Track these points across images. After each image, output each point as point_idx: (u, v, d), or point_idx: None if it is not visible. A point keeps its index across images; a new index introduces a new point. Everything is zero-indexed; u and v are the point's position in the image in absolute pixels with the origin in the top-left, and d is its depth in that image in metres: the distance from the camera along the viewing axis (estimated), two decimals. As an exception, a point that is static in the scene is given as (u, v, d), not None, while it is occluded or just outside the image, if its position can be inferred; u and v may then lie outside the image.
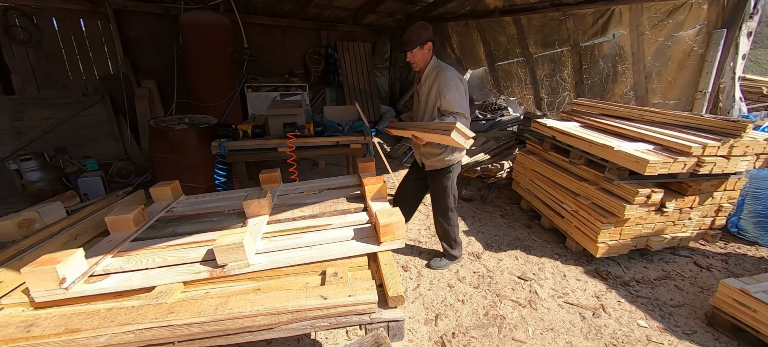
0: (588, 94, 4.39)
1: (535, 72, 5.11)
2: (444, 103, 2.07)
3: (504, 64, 5.72)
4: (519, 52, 5.21)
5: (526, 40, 4.90)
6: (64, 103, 3.95)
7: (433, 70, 2.14)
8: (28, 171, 3.09)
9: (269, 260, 1.15)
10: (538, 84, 5.16)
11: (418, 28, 2.05)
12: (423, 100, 2.20)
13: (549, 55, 4.80)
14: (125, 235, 1.33)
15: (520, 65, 5.42)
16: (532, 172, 3.24)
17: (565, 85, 4.68)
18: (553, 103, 4.95)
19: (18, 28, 3.71)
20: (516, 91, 5.67)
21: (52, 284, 0.99)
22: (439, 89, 2.09)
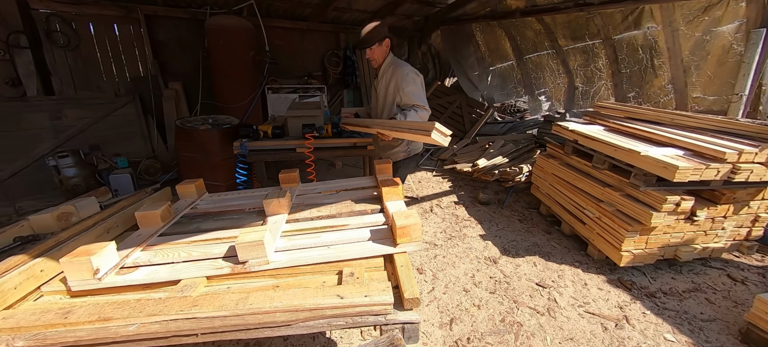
0: (626, 84, 4.24)
1: (567, 62, 4.98)
2: (404, 98, 2.16)
3: (533, 56, 5.59)
4: (548, 44, 5.10)
5: (554, 34, 4.78)
6: (98, 103, 4.18)
7: (390, 65, 2.22)
8: (65, 167, 3.29)
9: (288, 258, 1.18)
10: (573, 74, 5.02)
11: (375, 25, 2.11)
12: (381, 96, 2.28)
13: (581, 47, 4.67)
14: (153, 230, 1.40)
15: (551, 57, 5.29)
16: (553, 176, 3.16)
17: (601, 74, 4.54)
18: (588, 92, 4.81)
19: (58, 33, 3.95)
20: (548, 82, 5.52)
21: (86, 274, 1.06)
22: (397, 84, 2.16)
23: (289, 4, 5.11)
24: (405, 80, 2.15)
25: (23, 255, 1.10)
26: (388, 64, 2.23)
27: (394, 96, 2.21)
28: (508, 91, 6.08)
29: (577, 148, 2.93)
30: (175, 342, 0.96)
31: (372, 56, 2.21)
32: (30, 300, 1.07)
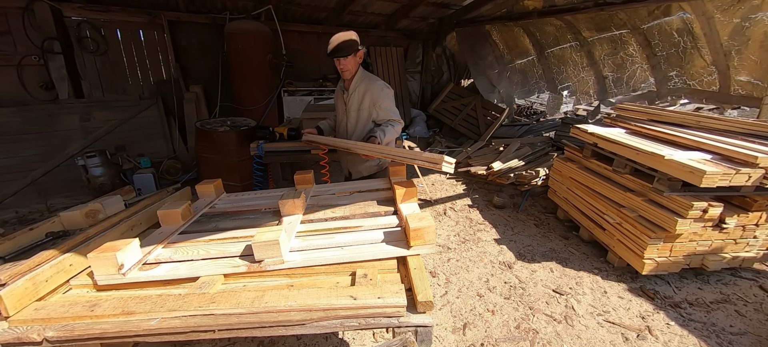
0: (664, 65, 4.10)
1: (592, 54, 4.85)
2: (381, 113, 2.14)
3: (555, 50, 5.45)
4: (570, 37, 4.97)
5: (577, 28, 4.66)
6: (123, 105, 4.36)
7: (363, 79, 2.12)
8: (93, 167, 3.44)
9: (302, 258, 1.20)
10: (599, 64, 4.88)
11: (349, 35, 2.00)
12: (353, 110, 2.17)
13: (607, 37, 4.54)
14: (174, 228, 1.45)
15: (574, 49, 5.15)
16: (571, 180, 3.08)
17: (633, 59, 4.41)
18: (621, 79, 4.67)
19: (89, 39, 4.15)
20: (571, 76, 5.38)
21: (112, 269, 1.10)
22: (374, 99, 2.11)
23: (305, 8, 5.20)
24: (381, 95, 2.12)
25: (54, 250, 1.16)
26: (360, 77, 2.13)
27: (370, 111, 2.15)
28: (529, 87, 5.93)
29: (596, 152, 2.85)
30: (194, 337, 0.99)
31: (346, 67, 2.08)
32: (60, 292, 1.13)
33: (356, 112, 2.17)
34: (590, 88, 5.26)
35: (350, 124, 2.22)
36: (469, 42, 6.14)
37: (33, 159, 3.78)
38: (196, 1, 4.52)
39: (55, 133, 3.94)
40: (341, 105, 2.25)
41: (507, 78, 6.06)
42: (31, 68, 3.92)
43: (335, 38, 1.99)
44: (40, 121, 3.89)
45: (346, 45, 1.99)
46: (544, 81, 5.78)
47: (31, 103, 3.92)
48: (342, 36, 2.00)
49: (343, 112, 2.25)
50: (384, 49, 6.41)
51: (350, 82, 2.13)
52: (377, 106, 2.14)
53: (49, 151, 3.87)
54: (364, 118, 2.19)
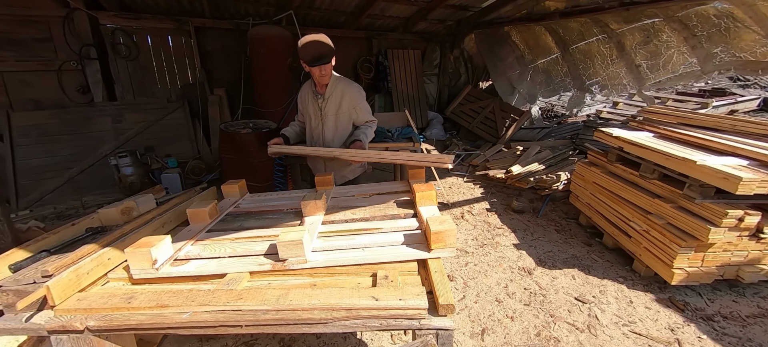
0: (706, 45, 3.88)
1: (622, 44, 4.65)
2: (360, 115, 2.15)
3: (581, 45, 5.26)
4: (597, 31, 4.79)
5: (604, 21, 4.50)
6: (152, 108, 4.57)
7: (338, 82, 2.07)
8: (124, 166, 3.62)
9: (324, 258, 1.22)
10: (630, 54, 4.68)
11: (326, 39, 1.89)
12: (331, 115, 2.10)
13: (638, 27, 4.36)
14: (202, 226, 1.51)
15: (602, 42, 4.96)
16: (594, 185, 2.99)
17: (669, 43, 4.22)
18: (656, 64, 4.48)
19: (122, 45, 4.38)
20: (599, 71, 5.18)
21: (146, 264, 1.16)
22: (352, 102, 2.09)
23: (324, 13, 5.30)
24: (359, 97, 2.11)
25: (94, 245, 1.23)
26: (336, 80, 2.07)
27: (349, 114, 2.12)
28: (553, 86, 5.76)
29: (622, 156, 2.75)
30: (222, 332, 1.03)
31: (326, 72, 1.97)
32: (99, 284, 1.20)
33: (334, 117, 2.11)
34: (622, 79, 5.03)
35: (328, 130, 2.14)
36: (488, 43, 6.07)
37: (69, 158, 4.02)
38: (220, 7, 4.68)
39: (89, 134, 4.17)
40: (314, 110, 2.14)
41: (529, 78, 5.92)
42: (69, 73, 4.17)
43: (314, 45, 1.84)
44: (77, 123, 4.13)
45: (328, 50, 1.89)
46: (570, 78, 5.58)
47: (68, 106, 4.17)
48: (320, 39, 1.86)
49: (316, 117, 2.14)
50: (401, 51, 6.43)
51: (325, 86, 2.04)
52: (357, 107, 2.12)
53: (84, 150, 4.10)
54: (343, 122, 2.14)
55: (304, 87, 2.21)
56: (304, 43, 1.86)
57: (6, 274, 1.14)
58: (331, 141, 2.17)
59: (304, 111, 2.22)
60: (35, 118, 3.95)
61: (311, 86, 2.12)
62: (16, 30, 3.84)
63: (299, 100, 2.25)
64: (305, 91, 2.18)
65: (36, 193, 3.76)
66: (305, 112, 2.21)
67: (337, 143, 2.18)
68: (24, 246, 1.20)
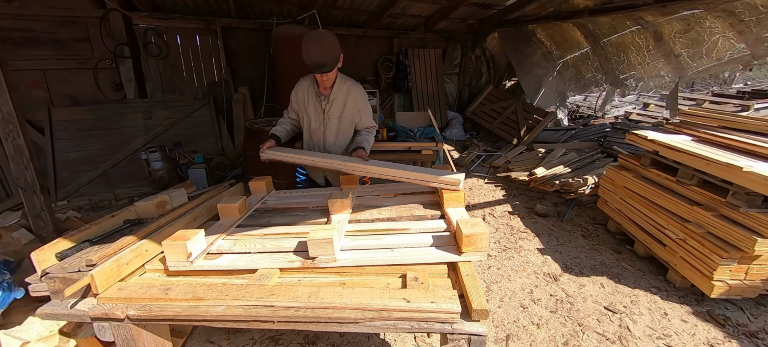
0: (756, 29, 3.60)
1: (660, 33, 4.39)
2: (365, 120, 2.04)
3: (613, 38, 4.96)
4: (630, 23, 4.55)
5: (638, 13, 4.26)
6: (180, 105, 4.72)
7: (343, 83, 1.92)
8: (154, 161, 3.76)
9: (353, 257, 1.22)
10: (669, 43, 4.41)
11: (331, 41, 1.70)
12: (334, 118, 1.96)
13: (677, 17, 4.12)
14: (232, 221, 1.54)
15: (636, 34, 4.69)
16: (625, 190, 2.87)
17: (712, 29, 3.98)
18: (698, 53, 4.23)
19: (153, 44, 4.54)
20: (634, 63, 4.90)
21: (182, 257, 1.19)
22: (357, 105, 1.96)
23: (346, 12, 5.32)
24: (363, 100, 1.97)
25: (132, 237, 1.28)
26: (341, 82, 1.90)
27: (352, 118, 1.99)
28: (584, 82, 5.51)
29: (657, 160, 2.63)
30: (254, 326, 1.04)
31: (330, 79, 1.82)
32: (137, 275, 1.24)
33: (338, 120, 1.98)
34: (660, 70, 4.77)
35: (330, 134, 2.01)
36: (512, 42, 5.93)
37: (103, 152, 4.21)
38: (245, 8, 4.78)
39: (121, 130, 4.35)
40: (315, 112, 1.98)
41: (557, 75, 5.71)
42: (104, 71, 4.37)
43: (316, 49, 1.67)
44: (110, 119, 4.32)
45: (332, 59, 1.71)
46: (602, 73, 5.32)
47: (103, 102, 4.37)
48: (325, 45, 1.67)
49: (318, 119, 1.99)
50: (421, 50, 6.39)
51: (330, 88, 1.90)
52: (361, 111, 2.00)
53: (117, 145, 4.28)
54: (346, 126, 2.02)
55: (302, 83, 2.01)
56: (307, 45, 1.69)
57: (53, 262, 1.20)
58: (332, 146, 2.05)
59: (302, 110, 2.04)
60: (73, 114, 4.16)
61: (313, 85, 1.94)
62: (57, 30, 4.06)
63: (295, 96, 2.04)
64: (304, 88, 1.98)
65: (73, 185, 3.96)
66: (303, 111, 2.04)
67: (339, 149, 2.07)
68: (68, 235, 1.26)
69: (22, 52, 3.94)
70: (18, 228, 2.35)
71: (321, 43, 1.70)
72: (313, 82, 1.95)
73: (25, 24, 3.90)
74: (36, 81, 4.09)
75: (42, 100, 4.10)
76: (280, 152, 1.96)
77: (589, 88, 5.59)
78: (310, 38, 1.71)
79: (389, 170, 1.68)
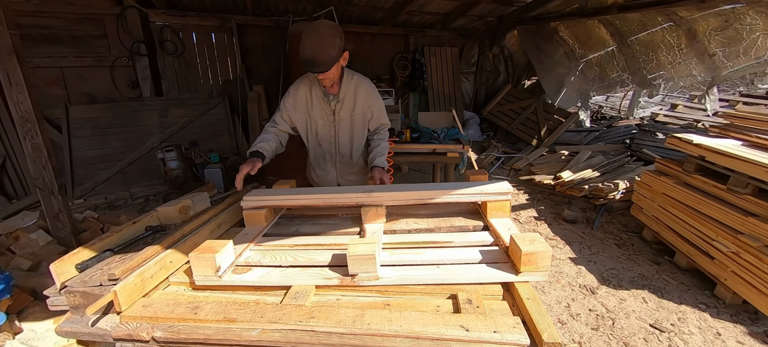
0: None
1: (694, 31, 4.14)
2: (378, 116, 1.81)
3: (641, 36, 4.71)
4: (662, 19, 4.31)
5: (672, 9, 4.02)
6: (195, 103, 4.68)
7: (350, 78, 1.70)
8: (170, 160, 3.71)
9: (397, 275, 1.10)
10: (703, 41, 4.16)
11: (329, 36, 1.44)
12: (345, 117, 1.74)
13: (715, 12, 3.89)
14: (258, 229, 1.44)
15: (668, 31, 4.43)
16: (664, 197, 2.69)
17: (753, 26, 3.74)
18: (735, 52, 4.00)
19: (169, 42, 4.51)
20: (663, 62, 4.65)
21: (210, 271, 1.09)
22: (368, 100, 1.74)
23: (362, 9, 5.21)
24: (374, 92, 1.76)
25: (156, 246, 1.19)
26: (349, 78, 1.69)
27: (365, 114, 1.77)
28: (608, 82, 5.27)
29: (702, 166, 2.45)
30: (293, 354, 0.93)
31: (331, 78, 1.58)
32: (160, 289, 1.15)
33: (349, 119, 1.77)
34: (692, 70, 4.52)
35: (344, 138, 1.80)
36: (532, 40, 5.75)
37: (120, 150, 4.19)
38: (261, 5, 4.71)
39: (138, 128, 4.33)
40: (323, 114, 1.74)
41: (580, 74, 5.50)
42: (121, 69, 4.35)
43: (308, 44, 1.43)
44: (127, 117, 4.30)
45: (323, 59, 1.44)
46: (628, 73, 5.08)
47: (119, 100, 4.35)
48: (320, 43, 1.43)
49: (327, 123, 1.76)
50: (438, 49, 6.24)
51: (337, 89, 1.69)
52: (373, 106, 1.78)
53: (133, 143, 4.26)
54: (359, 125, 1.79)
55: (301, 84, 1.71)
56: (302, 38, 1.44)
57: (72, 273, 1.11)
58: (348, 153, 1.84)
59: (302, 116, 1.75)
60: (90, 111, 4.15)
61: (317, 83, 1.68)
62: (75, 27, 4.04)
63: (293, 100, 1.72)
64: (306, 89, 1.70)
65: (89, 183, 3.94)
66: (304, 117, 1.75)
67: (355, 153, 1.85)
68: (89, 244, 1.17)
69: (41, 50, 3.93)
70: (36, 230, 2.31)
71: (317, 37, 1.44)
72: (316, 82, 1.69)
73: (43, 21, 3.89)
74: (54, 78, 4.08)
75: (59, 98, 4.09)
76: (266, 196, 1.47)
77: (613, 88, 5.36)
78: (307, 30, 1.46)
79: (424, 193, 1.51)
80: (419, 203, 1.51)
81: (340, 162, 1.87)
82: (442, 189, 1.51)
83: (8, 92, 2.00)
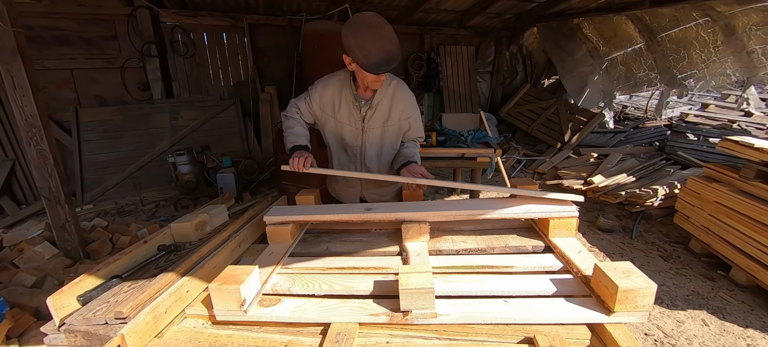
0: None
1: (732, 26, 3.88)
2: (415, 129, 1.63)
3: (673, 32, 4.41)
4: (697, 14, 4.04)
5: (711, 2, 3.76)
6: (207, 105, 4.55)
7: (388, 83, 1.50)
8: (181, 164, 3.58)
9: (458, 313, 0.91)
10: (742, 37, 3.89)
11: (388, 25, 1.32)
12: (377, 126, 1.55)
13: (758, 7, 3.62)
14: (284, 248, 1.26)
15: (702, 27, 4.16)
16: (716, 205, 2.46)
17: None
18: None
19: (180, 42, 4.39)
20: (696, 60, 4.37)
21: (233, 305, 0.92)
22: (405, 110, 1.55)
23: (378, 6, 5.05)
24: (413, 102, 1.58)
25: (171, 273, 1.02)
26: (388, 81, 1.51)
27: (399, 126, 1.59)
28: (634, 81, 4.99)
29: (763, 172, 2.21)
30: (340, 417, 0.75)
31: (383, 79, 1.44)
32: (176, 324, 0.97)
33: (381, 129, 1.57)
34: (727, 69, 4.25)
35: (371, 148, 1.61)
36: (553, 37, 5.51)
37: (130, 154, 4.07)
38: (274, 4, 4.57)
39: (148, 131, 4.21)
40: (351, 119, 1.55)
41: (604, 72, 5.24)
42: (131, 70, 4.24)
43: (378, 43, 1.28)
44: (137, 119, 4.19)
45: (399, 52, 1.33)
46: (657, 72, 4.80)
47: (130, 103, 4.24)
48: (389, 32, 1.30)
49: (355, 129, 1.58)
50: (454, 47, 6.04)
51: (372, 93, 1.51)
52: (411, 117, 1.59)
53: (143, 147, 4.14)
54: (391, 137, 1.60)
55: (330, 83, 1.54)
56: (362, 37, 1.27)
57: (74, 306, 0.94)
58: (374, 163, 1.65)
59: (327, 117, 1.59)
60: (100, 114, 4.05)
61: (348, 85, 1.51)
62: (86, 28, 3.94)
63: (320, 98, 1.56)
64: (335, 90, 1.53)
65: (99, 188, 3.83)
66: (329, 118, 1.59)
67: (383, 167, 1.68)
68: (93, 271, 1.01)
69: (52, 51, 3.84)
70: (41, 241, 2.17)
71: (381, 30, 1.29)
72: (347, 83, 1.52)
73: (54, 22, 3.79)
74: (64, 81, 3.99)
75: (69, 101, 4.00)
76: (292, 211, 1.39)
77: (640, 87, 5.10)
78: (366, 27, 1.29)
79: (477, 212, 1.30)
80: (470, 219, 1.30)
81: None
82: (501, 205, 1.31)
83: (12, 95, 1.87)
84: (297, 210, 1.38)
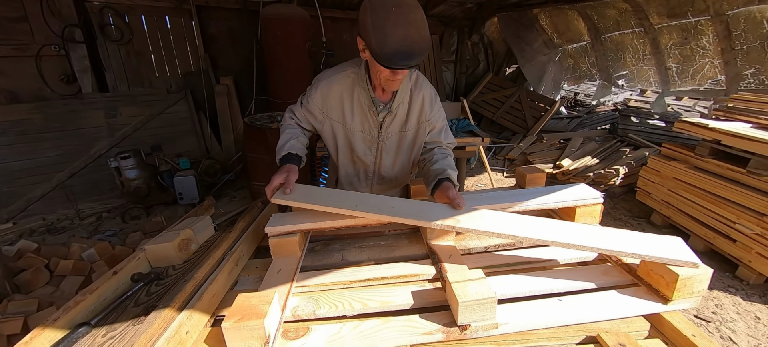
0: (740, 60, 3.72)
1: (658, 42, 4.42)
2: (448, 137, 1.38)
3: (614, 35, 4.93)
4: (635, 23, 4.51)
5: (646, 12, 4.22)
6: (151, 100, 4.00)
7: (407, 79, 1.26)
8: (127, 169, 3.09)
9: (519, 319, 0.83)
10: (664, 53, 4.46)
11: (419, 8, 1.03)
12: (394, 132, 1.33)
13: (679, 25, 4.13)
14: (293, 262, 1.08)
15: (637, 36, 4.69)
16: (675, 181, 2.70)
17: (704, 52, 4.02)
18: (686, 71, 4.31)
19: (112, 26, 3.77)
20: (629, 64, 4.92)
21: (255, 344, 0.74)
22: (428, 114, 1.32)
23: (337, -8, 4.79)
24: (437, 101, 1.34)
25: (163, 311, 0.80)
26: (407, 79, 1.27)
27: (417, 130, 1.34)
28: (579, 74, 5.47)
29: (716, 149, 2.46)
30: None
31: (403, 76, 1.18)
32: (175, 375, 0.76)
33: (398, 134, 1.34)
34: (650, 77, 4.82)
35: (387, 156, 1.38)
36: (513, 27, 5.70)
37: (58, 160, 3.43)
38: (226, -16, 4.11)
39: (79, 131, 3.58)
40: (366, 128, 1.31)
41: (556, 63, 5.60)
42: (50, 59, 3.55)
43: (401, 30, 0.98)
44: (63, 118, 3.54)
45: (426, 45, 1.05)
46: (597, 69, 5.30)
47: (52, 98, 3.56)
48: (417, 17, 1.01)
49: (370, 139, 1.34)
50: (419, 36, 5.98)
51: (393, 93, 1.26)
52: (432, 119, 1.33)
53: (75, 150, 3.52)
54: (408, 142, 1.36)
55: (336, 81, 1.26)
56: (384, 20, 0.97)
57: (27, 373, 0.69)
58: (391, 175, 1.43)
59: (335, 123, 1.32)
60: (12, 113, 3.34)
61: (363, 86, 1.24)
62: (-17, 7, 3.20)
63: (323, 101, 1.28)
64: (345, 91, 1.26)
65: (21, 202, 3.18)
66: (336, 125, 1.32)
67: (401, 177, 1.47)
68: (52, 323, 0.75)
69: (-65, 35, 3.06)
70: (-53, 277, 1.69)
71: (410, 16, 0.99)
72: (360, 80, 1.24)
73: (-64, -2, 3.01)
74: (-43, 73, 3.22)
75: (-32, 97, 3.24)
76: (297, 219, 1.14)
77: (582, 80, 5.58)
78: (391, 6, 0.98)
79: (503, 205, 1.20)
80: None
81: (379, 184, 1.48)
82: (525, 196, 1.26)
83: None
84: (304, 216, 1.19)
